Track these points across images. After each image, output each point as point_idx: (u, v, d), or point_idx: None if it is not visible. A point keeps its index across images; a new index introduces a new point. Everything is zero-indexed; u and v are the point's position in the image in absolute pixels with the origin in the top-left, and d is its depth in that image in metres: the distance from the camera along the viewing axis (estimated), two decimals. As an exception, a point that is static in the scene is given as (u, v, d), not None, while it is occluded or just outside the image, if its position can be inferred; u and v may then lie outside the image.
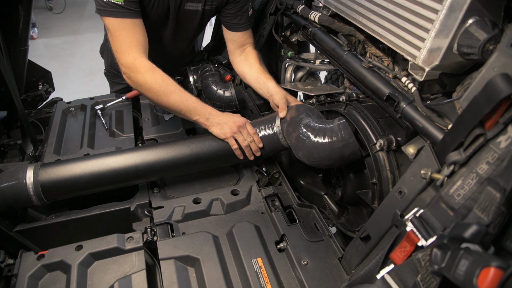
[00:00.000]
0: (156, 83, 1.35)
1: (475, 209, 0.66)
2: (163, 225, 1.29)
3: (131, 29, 1.37)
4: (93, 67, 4.24)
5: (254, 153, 1.38)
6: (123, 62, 1.37)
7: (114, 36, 1.37)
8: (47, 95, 2.19)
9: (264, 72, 1.61)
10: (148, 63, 1.38)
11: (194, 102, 1.38)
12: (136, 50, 1.37)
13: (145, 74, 1.35)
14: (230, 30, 1.67)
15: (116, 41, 1.37)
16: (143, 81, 1.36)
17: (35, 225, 1.27)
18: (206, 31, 2.20)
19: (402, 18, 1.05)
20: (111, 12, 1.33)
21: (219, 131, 1.35)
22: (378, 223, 1.03)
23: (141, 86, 1.37)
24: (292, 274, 1.14)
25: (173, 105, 1.37)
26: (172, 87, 1.36)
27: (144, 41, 1.42)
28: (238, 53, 1.72)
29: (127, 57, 1.36)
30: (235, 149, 1.36)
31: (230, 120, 1.36)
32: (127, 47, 1.36)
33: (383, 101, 1.14)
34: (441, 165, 0.88)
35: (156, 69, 1.38)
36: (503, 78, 0.67)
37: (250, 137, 1.36)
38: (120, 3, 1.32)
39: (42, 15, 6.27)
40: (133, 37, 1.37)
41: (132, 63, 1.36)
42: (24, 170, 1.22)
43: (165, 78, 1.37)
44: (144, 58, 1.38)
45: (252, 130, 1.37)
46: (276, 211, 1.32)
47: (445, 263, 0.62)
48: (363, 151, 1.26)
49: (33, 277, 1.10)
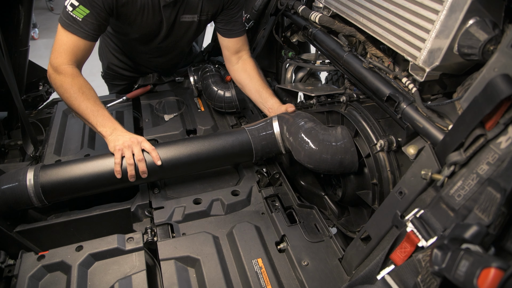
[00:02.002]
0: (71, 88, 1.33)
1: (476, 210, 0.66)
2: (163, 225, 1.29)
3: (75, 45, 1.37)
4: (94, 67, 4.21)
5: (141, 174, 1.27)
6: (52, 61, 1.38)
7: (57, 38, 1.38)
8: (48, 95, 2.19)
9: (265, 87, 1.61)
10: (74, 69, 1.38)
11: (104, 116, 1.33)
12: (68, 58, 1.37)
13: (65, 78, 1.34)
14: (224, 36, 1.68)
15: (57, 42, 1.38)
16: (60, 83, 1.35)
17: (35, 225, 1.28)
18: (207, 32, 2.21)
19: (402, 19, 1.05)
20: (66, 23, 1.35)
21: (113, 143, 1.28)
22: (379, 223, 1.03)
23: (58, 88, 1.36)
24: (293, 274, 1.14)
25: (82, 112, 1.33)
26: (86, 96, 1.33)
27: (81, 59, 1.42)
28: (234, 61, 1.72)
29: (57, 58, 1.37)
30: (115, 164, 1.25)
31: (127, 136, 1.29)
32: (63, 51, 1.36)
33: (383, 101, 1.14)
34: (441, 165, 0.88)
35: (80, 77, 1.37)
36: (504, 79, 0.67)
37: (140, 156, 1.26)
38: (78, 19, 1.34)
39: (43, 16, 6.27)
40: (73, 50, 1.38)
41: (59, 65, 1.36)
42: (25, 172, 1.22)
43: (82, 87, 1.35)
44: (72, 66, 1.38)
45: (149, 148, 1.28)
46: (276, 211, 1.32)
47: (446, 264, 0.62)
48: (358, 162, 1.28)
49: (33, 277, 1.10)
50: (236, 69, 1.71)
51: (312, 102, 1.61)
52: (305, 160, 1.30)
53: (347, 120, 1.32)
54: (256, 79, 1.64)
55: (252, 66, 1.68)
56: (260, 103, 1.62)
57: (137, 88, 1.99)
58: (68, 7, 1.33)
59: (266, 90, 1.60)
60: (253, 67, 1.69)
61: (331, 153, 1.25)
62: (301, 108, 1.65)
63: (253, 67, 1.68)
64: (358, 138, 1.29)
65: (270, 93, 1.59)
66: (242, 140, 1.39)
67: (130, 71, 2.02)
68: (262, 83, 1.63)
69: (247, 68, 1.68)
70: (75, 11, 1.33)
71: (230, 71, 1.76)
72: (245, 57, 1.72)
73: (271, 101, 1.56)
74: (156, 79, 2.03)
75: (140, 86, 2.00)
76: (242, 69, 1.69)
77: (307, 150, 1.27)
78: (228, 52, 1.71)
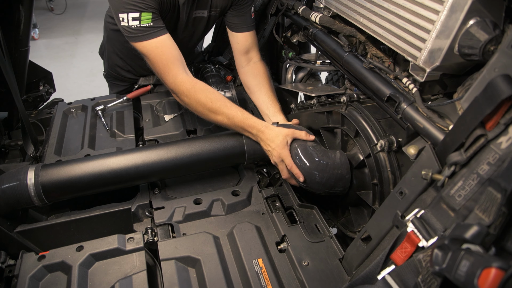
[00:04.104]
0: (199, 104, 1.36)
1: (476, 210, 0.66)
2: (163, 225, 1.29)
3: (164, 45, 1.37)
4: (94, 67, 4.24)
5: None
6: (166, 83, 1.41)
7: (150, 58, 1.38)
8: (48, 95, 2.19)
9: (274, 100, 1.59)
10: (188, 81, 1.38)
11: (241, 121, 1.34)
12: (174, 67, 1.37)
13: (187, 97, 1.36)
14: (233, 31, 1.66)
15: (154, 63, 1.39)
16: (187, 103, 1.38)
17: (36, 225, 1.28)
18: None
19: (403, 19, 1.05)
20: (143, 36, 1.34)
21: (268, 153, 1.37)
22: (379, 223, 1.03)
23: (188, 106, 1.40)
24: (293, 274, 1.14)
25: (221, 123, 1.37)
26: (216, 105, 1.34)
27: (178, 54, 1.41)
28: (244, 62, 1.68)
29: (167, 77, 1.38)
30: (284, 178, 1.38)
31: (271, 150, 1.34)
32: (165, 65, 1.37)
33: (384, 101, 1.14)
34: (442, 165, 0.88)
35: (197, 85, 1.38)
36: (504, 79, 0.67)
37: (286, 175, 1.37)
38: (150, 25, 1.33)
39: (43, 16, 6.27)
40: (168, 53, 1.38)
41: (173, 82, 1.37)
42: (25, 171, 1.23)
43: (208, 95, 1.36)
44: (183, 74, 1.38)
45: (290, 165, 1.32)
46: (276, 211, 1.32)
47: (446, 264, 0.62)
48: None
49: (34, 278, 1.10)
50: (246, 71, 1.67)
51: (313, 102, 1.61)
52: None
53: (348, 120, 1.32)
54: (266, 89, 1.60)
55: (263, 72, 1.64)
56: (265, 115, 1.59)
57: (137, 88, 1.99)
58: (131, 25, 1.32)
59: (275, 105, 1.57)
60: (264, 73, 1.65)
61: (327, 177, 1.26)
62: (301, 108, 1.65)
63: (264, 74, 1.64)
64: (358, 138, 1.29)
65: (278, 109, 1.56)
66: (235, 143, 1.39)
67: (133, 73, 2.02)
68: (271, 96, 1.59)
69: (257, 74, 1.64)
70: (143, 21, 1.32)
71: (240, 73, 1.71)
72: (256, 60, 1.68)
73: (278, 118, 1.52)
74: (156, 79, 2.03)
75: (141, 86, 2.00)
76: (252, 73, 1.65)
77: (300, 167, 1.29)
78: (237, 50, 1.67)
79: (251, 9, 1.65)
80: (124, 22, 1.32)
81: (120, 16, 1.32)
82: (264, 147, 1.36)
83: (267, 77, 1.64)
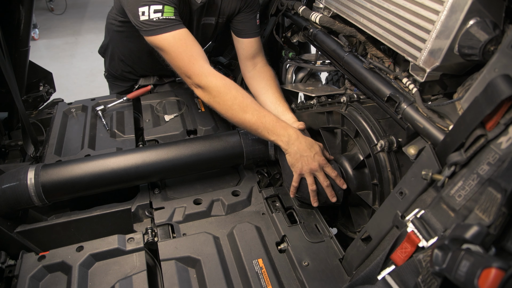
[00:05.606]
0: (230, 99, 1.28)
1: (476, 210, 0.66)
2: (164, 226, 1.29)
3: (188, 37, 1.34)
4: (94, 68, 4.24)
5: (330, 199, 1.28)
6: (191, 76, 1.33)
7: (173, 50, 1.32)
8: (48, 96, 2.19)
9: (282, 100, 1.56)
10: (217, 74, 1.32)
11: (272, 120, 1.29)
12: (200, 59, 1.33)
13: (216, 90, 1.29)
14: (238, 36, 1.66)
15: (177, 55, 1.32)
16: (215, 96, 1.31)
17: (36, 226, 1.28)
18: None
19: (403, 19, 1.05)
20: (165, 28, 1.30)
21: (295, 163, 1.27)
22: (379, 224, 1.03)
23: (213, 101, 1.32)
24: (293, 275, 1.14)
25: (247, 123, 1.29)
26: (247, 101, 1.29)
27: (200, 47, 1.37)
28: (250, 67, 1.67)
29: (192, 68, 1.31)
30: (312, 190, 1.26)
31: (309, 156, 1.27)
32: (190, 57, 1.32)
33: (384, 102, 1.14)
34: (442, 166, 0.88)
35: (227, 79, 1.32)
36: (504, 79, 0.67)
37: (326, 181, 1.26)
38: (172, 17, 1.31)
39: (43, 16, 6.27)
40: (193, 44, 1.34)
41: (200, 74, 1.30)
42: (25, 171, 1.23)
43: (239, 90, 1.31)
44: (210, 67, 1.34)
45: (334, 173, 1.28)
46: (277, 212, 1.32)
47: (446, 264, 0.61)
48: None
49: (34, 278, 1.10)
50: (252, 76, 1.66)
51: (313, 102, 1.61)
52: (288, 181, 1.33)
53: (348, 120, 1.32)
54: (274, 90, 1.58)
55: (269, 75, 1.63)
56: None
57: (137, 89, 1.99)
58: (153, 17, 1.28)
59: (283, 104, 1.54)
60: (271, 76, 1.63)
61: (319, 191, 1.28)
62: (301, 108, 1.65)
63: (271, 76, 1.63)
64: (358, 138, 1.29)
65: (287, 108, 1.53)
66: (234, 143, 1.40)
67: (134, 75, 2.03)
68: (279, 96, 1.58)
69: (264, 77, 1.63)
70: (165, 14, 1.29)
71: (246, 78, 1.70)
72: (262, 64, 1.67)
73: (286, 116, 1.49)
74: (156, 80, 2.04)
75: (141, 87, 2.00)
76: (258, 77, 1.64)
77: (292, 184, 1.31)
78: (243, 56, 1.67)
79: (256, 16, 1.66)
80: (145, 15, 1.29)
81: (140, 10, 1.28)
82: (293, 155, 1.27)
83: (275, 79, 1.64)
